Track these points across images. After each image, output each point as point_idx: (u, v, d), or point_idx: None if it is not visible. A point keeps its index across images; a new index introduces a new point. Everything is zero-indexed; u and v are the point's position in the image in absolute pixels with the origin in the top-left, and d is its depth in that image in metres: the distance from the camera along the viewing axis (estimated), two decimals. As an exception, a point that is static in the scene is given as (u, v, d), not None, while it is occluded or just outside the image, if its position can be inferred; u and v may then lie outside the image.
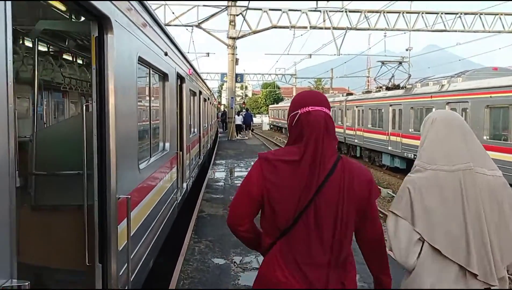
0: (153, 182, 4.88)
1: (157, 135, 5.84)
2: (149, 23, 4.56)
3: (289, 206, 2.09)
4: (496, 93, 12.55)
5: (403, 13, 27.04)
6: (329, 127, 2.13)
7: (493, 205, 2.10)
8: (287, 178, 2.10)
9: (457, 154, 2.15)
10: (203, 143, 14.14)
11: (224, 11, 25.95)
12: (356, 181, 2.12)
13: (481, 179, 2.11)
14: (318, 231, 2.08)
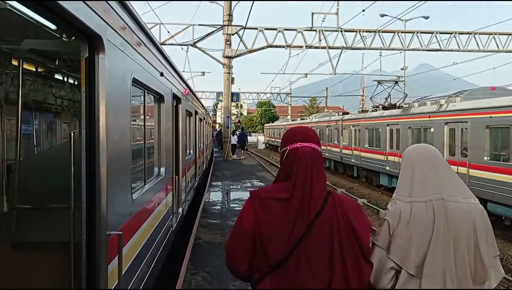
0: (148, 211, 4.56)
1: (152, 160, 5.54)
2: (144, 42, 4.30)
3: (280, 243, 2.11)
4: (496, 113, 12.38)
5: (398, 32, 27.15)
6: (318, 163, 2.20)
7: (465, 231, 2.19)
8: (278, 215, 2.13)
9: (429, 186, 2.27)
10: (199, 164, 13.82)
11: (220, 30, 25.92)
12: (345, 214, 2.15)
13: (454, 207, 2.20)
14: (309, 268, 2.09)
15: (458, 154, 14.57)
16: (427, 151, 2.44)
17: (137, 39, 3.94)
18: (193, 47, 26.30)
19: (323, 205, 2.13)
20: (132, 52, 3.73)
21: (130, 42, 3.61)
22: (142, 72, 4.19)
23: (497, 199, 12.58)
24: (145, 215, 4.37)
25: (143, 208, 4.27)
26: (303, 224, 2.10)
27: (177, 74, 7.50)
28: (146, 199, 4.48)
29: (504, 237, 13.19)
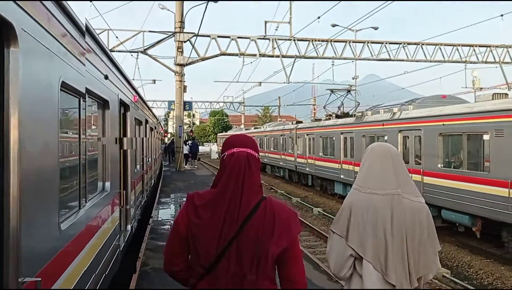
0: (85, 238, 3.92)
1: (96, 174, 4.91)
2: (84, 37, 3.72)
3: (211, 244, 2.18)
4: (449, 121, 12.54)
5: (349, 42, 27.53)
6: (252, 167, 2.27)
7: (415, 226, 2.44)
8: (209, 216, 2.20)
9: (388, 181, 2.49)
10: (147, 179, 13.07)
11: (171, 37, 25.22)
12: (278, 220, 2.20)
13: (406, 203, 2.46)
14: (240, 269, 2.17)
15: (412, 162, 14.68)
16: (389, 149, 2.66)
17: (69, 34, 3.33)
18: (143, 54, 25.42)
19: (254, 209, 2.20)
20: (61, 49, 3.12)
21: (57, 37, 3.00)
22: (77, 75, 3.59)
23: (451, 206, 12.71)
24: (80, 244, 3.69)
25: (79, 237, 3.60)
26: (233, 227, 2.17)
27: (125, 78, 6.88)
28: (83, 223, 3.85)
29: (458, 244, 13.34)
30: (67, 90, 3.41)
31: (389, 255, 2.42)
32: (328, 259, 2.60)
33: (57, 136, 3.08)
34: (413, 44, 27.54)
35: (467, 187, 11.92)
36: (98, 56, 4.44)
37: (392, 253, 2.42)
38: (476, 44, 28.05)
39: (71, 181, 3.90)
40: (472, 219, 12.11)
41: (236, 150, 2.31)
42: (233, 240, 2.18)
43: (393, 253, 2.42)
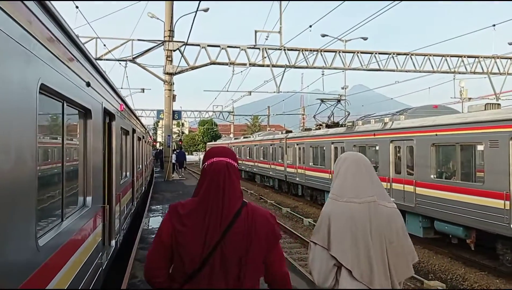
0: (65, 255, 3.59)
1: (75, 187, 4.57)
2: (59, 39, 3.39)
3: (195, 251, 2.24)
4: (442, 131, 12.39)
5: (339, 52, 27.48)
6: (232, 175, 2.37)
7: (392, 231, 2.51)
8: (193, 224, 2.27)
9: (364, 189, 2.55)
10: (137, 187, 12.69)
11: (161, 46, 24.92)
12: (259, 226, 2.30)
13: (382, 210, 2.53)
14: (224, 273, 2.23)
15: (404, 172, 14.50)
16: (361, 158, 2.71)
17: (48, 32, 3.04)
18: (132, 63, 25.05)
19: (236, 215, 2.29)
20: (40, 49, 2.83)
21: (35, 35, 2.71)
22: (57, 78, 3.29)
23: (444, 217, 12.51)
24: (59, 263, 3.39)
25: (57, 255, 3.30)
26: (216, 233, 2.25)
27: (110, 86, 6.56)
28: (62, 241, 3.52)
29: (451, 256, 13.13)
30: (46, 92, 3.10)
31: (372, 262, 2.48)
32: (312, 270, 2.60)
33: (35, 145, 2.78)
34: (402, 54, 27.57)
35: (461, 199, 11.74)
36: (80, 62, 4.12)
37: (375, 259, 2.49)
38: (464, 55, 28.20)
39: (49, 195, 3.58)
40: (466, 231, 11.92)
41: (216, 160, 2.41)
42: (217, 246, 2.25)
43: (375, 259, 2.49)
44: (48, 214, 3.59)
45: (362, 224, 2.48)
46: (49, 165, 3.64)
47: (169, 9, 24.45)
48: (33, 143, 2.75)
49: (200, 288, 2.26)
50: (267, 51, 26.34)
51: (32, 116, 2.73)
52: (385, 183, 15.42)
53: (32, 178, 2.73)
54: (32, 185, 2.74)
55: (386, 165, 15.48)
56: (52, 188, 3.70)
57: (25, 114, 2.61)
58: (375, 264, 2.47)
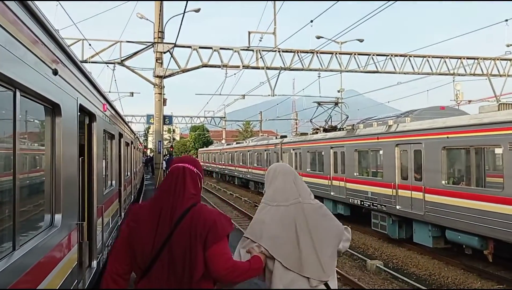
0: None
1: (37, 205, 3.57)
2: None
3: (146, 248, 2.47)
4: (454, 133, 11.50)
5: (336, 54, 26.68)
6: (187, 177, 2.64)
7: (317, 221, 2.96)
8: (145, 223, 2.51)
9: (290, 194, 3.01)
10: (125, 196, 11.63)
11: (150, 48, 23.90)
12: (202, 224, 2.50)
13: (308, 207, 2.98)
14: (173, 268, 2.48)
15: (411, 178, 13.59)
16: (287, 169, 3.20)
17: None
18: (120, 65, 23.98)
19: (183, 215, 2.52)
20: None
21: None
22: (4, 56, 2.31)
23: (457, 226, 11.62)
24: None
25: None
26: (165, 232, 2.48)
27: (89, 81, 5.54)
28: (10, 280, 2.53)
29: (464, 267, 12.24)
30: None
31: (302, 252, 2.85)
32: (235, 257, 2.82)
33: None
34: (400, 56, 26.83)
35: (476, 206, 10.84)
36: (36, 36, 3.11)
37: (304, 249, 2.86)
38: (464, 57, 27.54)
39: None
40: (482, 241, 11.03)
41: (174, 166, 2.69)
42: (165, 244, 2.45)
43: (305, 249, 2.86)
44: None
45: (290, 222, 2.92)
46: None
47: (158, 10, 23.47)
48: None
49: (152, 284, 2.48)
50: (261, 53, 25.44)
51: None
52: (390, 189, 14.53)
53: None
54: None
55: (391, 170, 14.58)
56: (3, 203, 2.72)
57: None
58: (304, 254, 2.87)
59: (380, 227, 15.47)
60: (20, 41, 2.72)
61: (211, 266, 2.51)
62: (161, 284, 2.46)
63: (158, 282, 2.46)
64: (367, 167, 17.07)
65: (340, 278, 11.15)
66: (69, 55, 4.14)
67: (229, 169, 43.93)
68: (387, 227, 14.97)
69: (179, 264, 2.46)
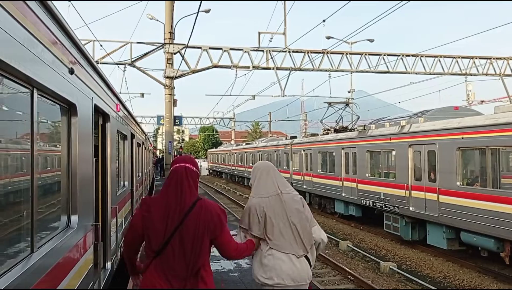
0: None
1: (54, 206, 3.51)
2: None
3: (159, 233, 3.02)
4: (469, 134, 11.32)
5: (346, 54, 26.51)
6: (188, 176, 3.18)
7: (298, 211, 3.69)
8: (157, 213, 3.06)
9: (270, 187, 3.73)
10: (137, 197, 11.61)
11: (161, 49, 23.93)
12: (207, 216, 3.11)
13: (287, 196, 3.72)
14: (182, 252, 3.01)
15: (425, 179, 13.41)
16: (269, 166, 3.94)
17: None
18: (131, 66, 24.04)
19: (191, 207, 3.08)
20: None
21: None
22: (16, 49, 2.26)
23: (472, 228, 11.43)
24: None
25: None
26: (176, 220, 3.03)
27: (103, 81, 5.50)
28: (31, 281, 2.48)
29: (479, 269, 12.04)
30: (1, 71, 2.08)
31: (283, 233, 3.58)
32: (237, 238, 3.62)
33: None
34: (411, 56, 26.58)
35: (493, 207, 10.66)
36: (56, 37, 3.06)
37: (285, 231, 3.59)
38: (476, 56, 27.21)
39: (8, 219, 2.54)
40: (498, 243, 10.83)
41: (177, 165, 3.24)
42: (176, 230, 3.02)
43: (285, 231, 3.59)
44: (8, 248, 2.55)
45: (271, 210, 3.61)
46: (4, 179, 2.59)
47: (169, 11, 23.50)
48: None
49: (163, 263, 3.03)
50: (271, 53, 25.36)
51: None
52: (403, 190, 14.36)
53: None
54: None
55: (404, 171, 14.41)
56: (14, 211, 2.66)
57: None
58: (285, 234, 3.58)
59: (392, 229, 15.30)
60: (38, 39, 2.66)
61: (222, 251, 3.31)
62: (170, 264, 3.01)
63: (168, 262, 3.02)
64: (379, 168, 16.90)
65: (354, 280, 11.02)
66: (85, 54, 4.10)
67: (239, 170, 43.88)
68: (400, 229, 14.80)
69: (187, 247, 3.03)
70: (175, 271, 3.00)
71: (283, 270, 3.49)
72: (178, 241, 2.99)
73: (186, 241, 2.99)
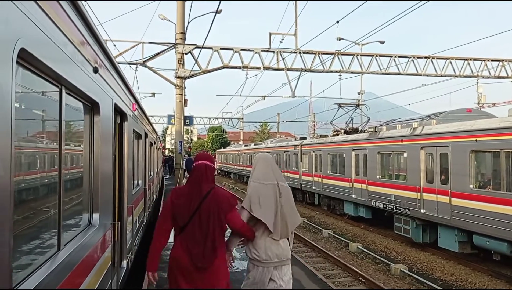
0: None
1: (78, 204, 3.55)
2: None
3: (184, 214, 4.06)
4: (483, 136, 11.24)
5: (357, 55, 26.39)
6: (207, 171, 4.24)
7: (287, 200, 4.55)
8: (183, 199, 4.11)
9: (268, 176, 4.53)
10: (149, 195, 11.66)
11: (172, 49, 23.98)
12: (219, 199, 4.14)
13: (282, 187, 4.51)
14: (200, 228, 4.03)
15: (437, 181, 13.33)
16: (267, 157, 4.80)
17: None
18: (142, 66, 24.11)
19: (206, 195, 4.10)
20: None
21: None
22: (49, 47, 2.29)
23: (485, 231, 11.34)
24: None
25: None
26: (196, 204, 4.06)
27: (122, 80, 5.55)
28: (57, 280, 2.50)
29: (492, 273, 11.94)
30: (29, 63, 2.10)
31: (274, 216, 4.40)
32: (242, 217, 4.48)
33: (10, 142, 1.77)
34: (423, 57, 26.38)
35: (505, 211, 10.57)
36: (84, 37, 3.10)
37: (275, 214, 4.41)
38: (488, 59, 26.94)
39: (35, 216, 2.56)
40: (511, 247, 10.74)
41: (199, 162, 4.29)
42: (196, 211, 4.05)
43: (276, 214, 4.41)
44: (37, 245, 2.58)
45: (268, 196, 4.43)
46: (33, 175, 2.62)
47: (181, 11, 23.58)
48: (5, 143, 1.74)
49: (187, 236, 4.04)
50: (282, 54, 25.31)
51: (3, 104, 1.72)
52: (414, 192, 14.28)
53: (2, 199, 1.71)
54: (2, 208, 1.71)
55: (415, 173, 14.33)
56: (41, 207, 2.69)
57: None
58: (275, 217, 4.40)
59: (403, 231, 15.22)
60: (69, 38, 2.69)
61: (231, 224, 4.25)
62: (192, 234, 4.03)
63: (191, 234, 4.03)
64: (390, 170, 16.83)
65: (365, 282, 10.99)
66: (108, 54, 4.13)
67: (247, 170, 43.90)
68: (411, 231, 14.72)
69: (204, 222, 4.04)
70: (195, 239, 4.00)
71: (271, 250, 4.39)
72: (197, 218, 4.03)
73: (203, 217, 4.03)
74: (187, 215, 3.99)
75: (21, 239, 2.24)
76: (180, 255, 3.98)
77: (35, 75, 2.28)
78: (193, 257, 3.92)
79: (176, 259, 4.01)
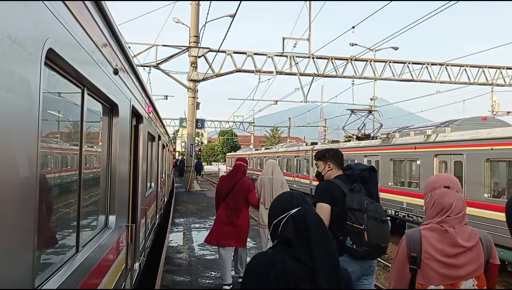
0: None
1: (95, 205, 3.54)
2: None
3: (225, 190, 7.25)
4: (500, 145, 11.07)
5: (370, 61, 26.30)
6: (240, 168, 7.45)
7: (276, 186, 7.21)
8: (225, 183, 7.40)
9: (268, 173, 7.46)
10: (161, 198, 11.68)
11: (185, 52, 24.13)
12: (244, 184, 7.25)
13: (275, 180, 7.35)
14: (233, 198, 7.16)
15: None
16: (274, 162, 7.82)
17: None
18: (156, 68, 24.30)
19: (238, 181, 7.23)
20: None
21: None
22: (75, 50, 2.29)
23: (500, 241, 11.12)
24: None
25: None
26: (231, 185, 7.21)
27: (139, 81, 5.56)
28: (76, 283, 2.49)
29: (505, 284, 11.73)
30: (56, 65, 2.10)
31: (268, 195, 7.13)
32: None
33: (37, 142, 1.76)
34: (437, 64, 26.22)
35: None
36: (106, 38, 3.11)
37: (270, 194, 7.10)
38: (503, 66, 26.71)
39: (58, 213, 2.56)
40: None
41: (238, 162, 7.55)
42: (231, 190, 7.16)
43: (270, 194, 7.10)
44: (57, 246, 2.57)
45: (268, 187, 7.22)
46: (55, 175, 2.61)
47: (195, 14, 23.70)
48: (32, 144, 1.73)
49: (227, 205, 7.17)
50: (295, 59, 25.32)
51: (32, 105, 1.71)
52: (427, 201, 14.09)
53: (28, 199, 1.69)
54: (29, 209, 1.70)
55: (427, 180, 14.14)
56: (61, 208, 2.68)
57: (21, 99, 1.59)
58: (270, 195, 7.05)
59: (415, 239, 15.02)
60: (92, 38, 2.69)
61: (250, 199, 7.18)
62: (231, 204, 7.07)
63: (229, 204, 7.09)
64: (402, 177, 16.67)
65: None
66: (127, 55, 4.14)
67: (257, 175, 43.79)
68: (423, 240, 14.51)
69: (235, 196, 7.10)
70: (229, 206, 7.08)
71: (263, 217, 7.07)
72: (232, 194, 7.11)
73: (235, 193, 7.10)
74: (226, 191, 7.14)
75: (43, 240, 2.23)
76: (221, 213, 7.12)
77: (59, 75, 2.27)
78: (228, 215, 7.01)
79: (220, 215, 7.15)
